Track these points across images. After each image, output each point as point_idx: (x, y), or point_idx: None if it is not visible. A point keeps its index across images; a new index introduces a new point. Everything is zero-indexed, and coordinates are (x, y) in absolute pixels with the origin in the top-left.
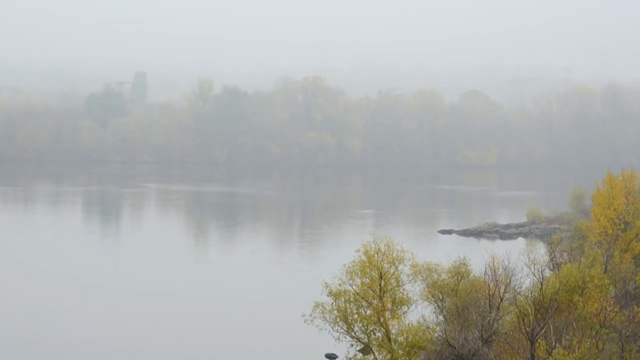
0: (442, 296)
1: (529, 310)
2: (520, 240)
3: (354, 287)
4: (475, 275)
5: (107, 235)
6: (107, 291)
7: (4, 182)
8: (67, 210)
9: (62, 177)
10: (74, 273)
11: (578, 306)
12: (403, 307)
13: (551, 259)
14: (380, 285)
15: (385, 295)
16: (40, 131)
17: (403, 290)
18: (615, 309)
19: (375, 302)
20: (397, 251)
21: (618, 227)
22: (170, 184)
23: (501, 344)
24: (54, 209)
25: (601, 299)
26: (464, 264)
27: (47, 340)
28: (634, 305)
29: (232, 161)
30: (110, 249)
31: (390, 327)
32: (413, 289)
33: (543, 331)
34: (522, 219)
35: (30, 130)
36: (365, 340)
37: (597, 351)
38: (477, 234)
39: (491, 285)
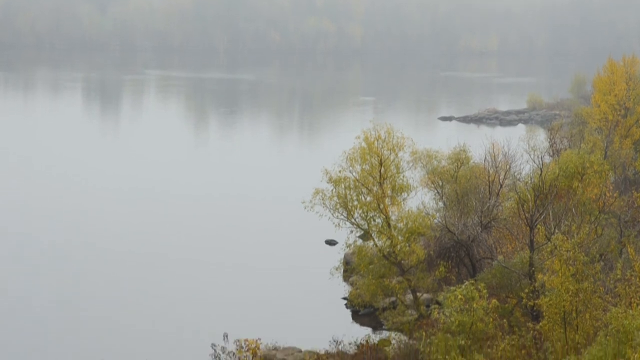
0: (442, 183)
1: (529, 197)
2: (521, 126)
3: (354, 174)
4: (476, 162)
5: (107, 123)
6: (106, 184)
7: (3, 69)
8: (67, 98)
9: (62, 64)
10: (73, 163)
11: (578, 192)
12: (403, 193)
13: (551, 146)
14: (380, 172)
15: (385, 182)
16: (39, 17)
17: (403, 177)
18: (615, 195)
19: (375, 189)
20: (398, 138)
21: (619, 113)
22: (170, 70)
23: (501, 230)
24: (54, 96)
25: (601, 185)
26: (464, 151)
27: (42, 236)
28: (633, 191)
29: (232, 48)
30: (110, 137)
31: (390, 213)
32: (413, 175)
33: (542, 217)
34: (523, 105)
35: (29, 16)
36: (365, 226)
37: (596, 237)
38: (478, 120)
39: (491, 172)
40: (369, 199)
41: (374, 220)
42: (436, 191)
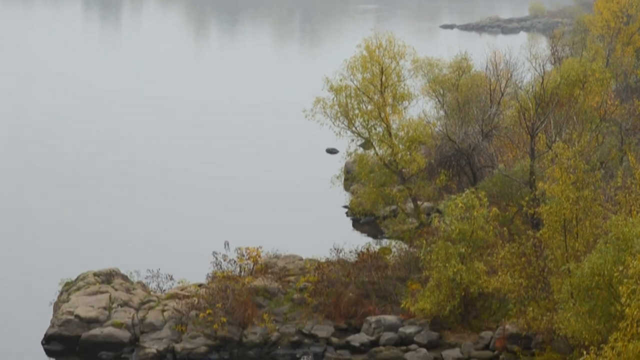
0: (443, 91)
1: (530, 105)
2: (522, 34)
3: (355, 82)
4: (477, 70)
5: (107, 31)
6: (107, 93)
7: None
8: (66, 5)
9: None
10: (73, 72)
11: (579, 100)
12: (404, 102)
13: (553, 53)
14: (381, 80)
15: (386, 90)
16: None
17: (404, 85)
18: (616, 103)
19: (376, 97)
20: (398, 46)
21: (621, 20)
22: None
23: (501, 138)
24: (52, 3)
25: (602, 93)
26: (466, 59)
27: (42, 143)
28: (634, 99)
29: None
30: (110, 45)
31: (391, 122)
32: (414, 84)
33: (543, 125)
34: (525, 13)
35: None
36: (366, 135)
37: (596, 144)
38: (479, 28)
39: (492, 80)
40: (369, 107)
41: (375, 129)
42: (437, 99)
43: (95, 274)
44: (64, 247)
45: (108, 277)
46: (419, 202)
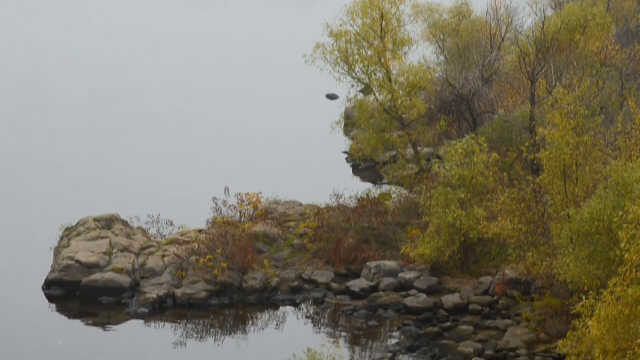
0: (444, 36)
1: (530, 50)
2: None
3: (355, 27)
4: (477, 15)
5: None
6: (106, 39)
7: None
8: None
9: None
10: (72, 18)
11: (579, 45)
12: (404, 47)
13: None
14: (381, 25)
15: (386, 35)
16: None
17: (404, 30)
18: (617, 48)
19: (376, 42)
20: None
21: None
22: None
23: (502, 83)
24: None
25: (603, 38)
26: (466, 4)
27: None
28: (635, 44)
29: None
30: None
31: (391, 67)
32: (414, 29)
33: (544, 70)
34: None
35: None
36: (366, 81)
37: (597, 90)
38: None
39: (493, 25)
40: (369, 52)
41: (375, 74)
42: (437, 45)
43: (95, 220)
44: (65, 192)
45: (108, 222)
46: (419, 148)
